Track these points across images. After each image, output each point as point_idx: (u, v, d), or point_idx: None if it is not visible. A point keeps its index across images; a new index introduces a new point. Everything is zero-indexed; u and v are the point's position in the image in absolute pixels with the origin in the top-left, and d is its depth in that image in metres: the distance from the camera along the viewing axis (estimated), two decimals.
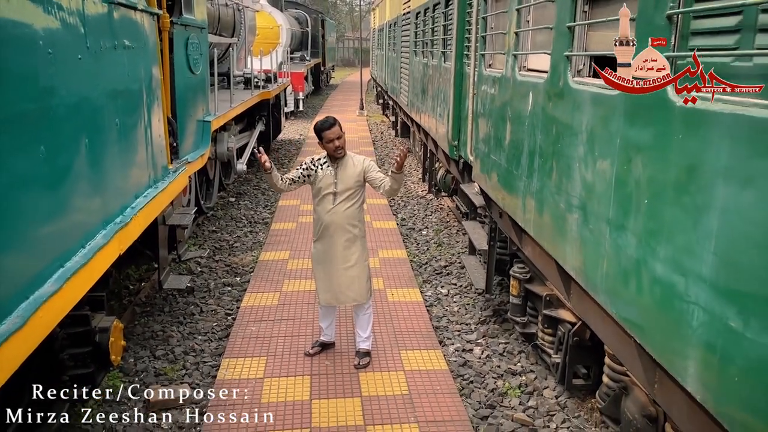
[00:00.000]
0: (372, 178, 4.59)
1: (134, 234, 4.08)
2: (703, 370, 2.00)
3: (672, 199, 2.20)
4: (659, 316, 2.27)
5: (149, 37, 4.78)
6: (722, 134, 1.91)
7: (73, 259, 3.17)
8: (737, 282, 1.87)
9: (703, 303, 2.00)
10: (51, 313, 2.80)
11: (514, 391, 4.63)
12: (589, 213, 2.89)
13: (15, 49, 2.67)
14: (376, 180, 4.58)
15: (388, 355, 5.01)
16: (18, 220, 2.68)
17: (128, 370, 4.87)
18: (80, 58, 3.35)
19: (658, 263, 2.26)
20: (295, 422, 4.11)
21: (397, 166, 4.38)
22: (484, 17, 5.23)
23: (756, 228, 1.79)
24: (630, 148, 2.49)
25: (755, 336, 1.76)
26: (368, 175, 4.59)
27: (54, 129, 3.02)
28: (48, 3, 2.97)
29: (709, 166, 1.99)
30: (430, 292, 6.51)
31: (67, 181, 3.20)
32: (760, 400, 1.78)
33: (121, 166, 4.05)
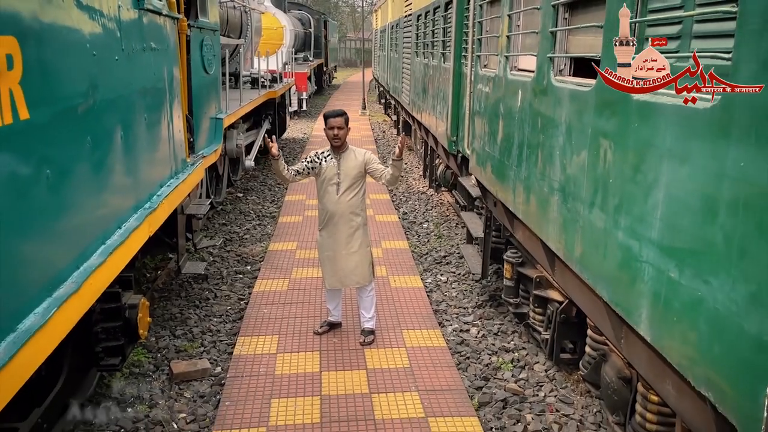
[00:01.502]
0: (373, 169, 5.00)
1: (161, 219, 4.49)
2: (652, 315, 2.41)
3: (630, 178, 2.60)
4: (620, 276, 2.68)
5: (171, 40, 5.19)
6: (666, 122, 2.32)
7: (112, 238, 3.58)
8: (675, 241, 2.27)
9: (651, 261, 2.40)
10: (98, 281, 3.21)
11: (507, 366, 5.03)
12: (567, 194, 3.30)
13: (69, 51, 3.08)
14: (377, 171, 4.99)
15: (390, 333, 5.41)
16: (71, 200, 3.09)
17: (151, 347, 5.27)
18: (117, 59, 3.76)
19: (620, 232, 2.66)
20: (306, 390, 4.51)
21: (398, 154, 4.81)
22: (480, 21, 5.64)
23: (688, 196, 2.20)
24: (599, 136, 2.90)
25: (687, 282, 2.16)
26: (369, 166, 5.00)
27: (97, 122, 3.43)
28: (92, 11, 3.38)
29: (656, 149, 2.39)
30: (430, 279, 6.91)
31: (107, 169, 3.61)
32: (691, 333, 2.18)
33: (149, 157, 4.45)
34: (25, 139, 2.56)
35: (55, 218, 2.88)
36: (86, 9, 3.29)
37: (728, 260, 1.95)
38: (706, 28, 2.25)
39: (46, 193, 2.77)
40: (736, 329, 1.91)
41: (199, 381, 4.78)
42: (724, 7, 2.03)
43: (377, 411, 4.27)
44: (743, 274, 1.88)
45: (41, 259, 2.79)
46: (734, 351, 1.93)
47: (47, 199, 2.79)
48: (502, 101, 4.71)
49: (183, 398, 4.58)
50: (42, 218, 2.75)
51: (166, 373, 4.86)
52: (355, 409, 4.30)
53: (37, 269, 2.73)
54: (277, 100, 12.67)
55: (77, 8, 3.19)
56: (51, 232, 2.85)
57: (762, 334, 1.80)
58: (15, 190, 2.51)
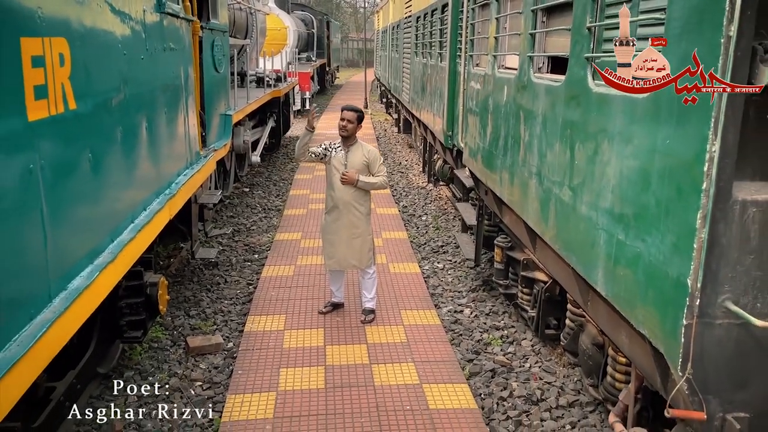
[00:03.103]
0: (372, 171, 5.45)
1: (179, 204, 4.91)
2: (605, 273, 2.83)
3: (591, 159, 3.02)
4: (583, 243, 3.10)
5: (186, 41, 5.62)
6: (616, 110, 2.74)
7: (139, 218, 4.01)
8: (622, 209, 2.69)
9: (605, 228, 2.82)
10: (129, 254, 3.64)
11: (496, 341, 5.45)
12: (543, 177, 3.72)
13: (105, 50, 3.51)
14: (373, 172, 5.46)
15: (389, 313, 5.83)
16: (108, 181, 3.52)
17: (168, 325, 5.70)
18: (142, 58, 4.19)
19: (583, 206, 3.08)
20: (312, 361, 4.94)
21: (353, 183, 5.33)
22: (472, 23, 6.07)
23: (631, 170, 2.63)
24: (567, 124, 3.32)
25: (631, 242, 2.58)
26: (370, 166, 5.44)
27: (127, 114, 3.86)
28: (123, 14, 3.80)
29: (609, 132, 2.81)
30: (428, 266, 7.33)
31: (135, 156, 4.04)
32: (633, 283, 2.62)
33: (168, 148, 4.88)
34: (74, 126, 2.99)
35: (95, 196, 3.31)
36: (118, 13, 3.72)
37: (658, 220, 2.37)
38: (645, 32, 2.67)
39: (89, 173, 3.20)
40: (663, 275, 2.33)
41: (213, 354, 5.21)
42: (655, 14, 2.45)
43: (376, 378, 4.69)
44: (668, 230, 2.30)
45: (85, 230, 3.21)
46: (661, 293, 2.35)
47: (90, 179, 3.22)
48: (491, 96, 5.14)
49: (199, 369, 5.01)
50: (86, 195, 3.18)
51: (183, 348, 5.29)
52: (357, 377, 4.72)
53: (82, 239, 3.16)
54: (281, 99, 13.10)
55: (111, 12, 3.61)
56: (92, 207, 3.28)
57: (680, 276, 2.22)
58: (66, 168, 2.94)
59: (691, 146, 2.16)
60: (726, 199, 2.09)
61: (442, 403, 4.40)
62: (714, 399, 2.23)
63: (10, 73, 2.43)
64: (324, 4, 52.68)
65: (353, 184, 5.31)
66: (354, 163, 5.38)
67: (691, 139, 2.16)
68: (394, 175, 12.45)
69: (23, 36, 2.51)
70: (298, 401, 4.39)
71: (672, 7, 2.32)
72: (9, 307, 2.44)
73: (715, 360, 2.21)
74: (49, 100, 2.70)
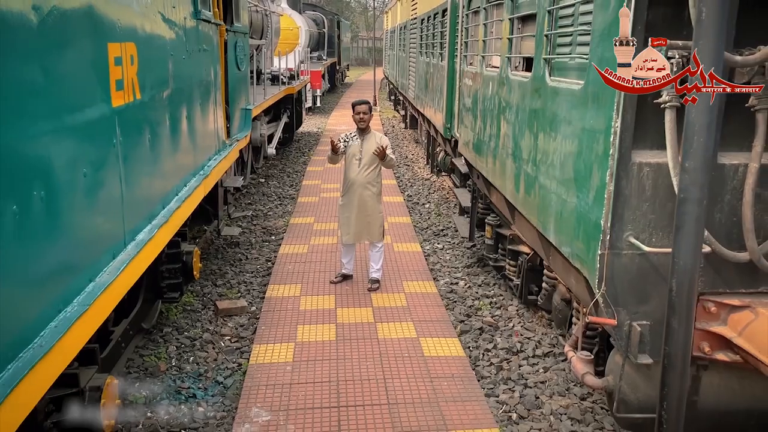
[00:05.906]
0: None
1: (211, 183, 5.72)
2: (554, 226, 3.61)
3: (547, 139, 3.79)
4: (542, 206, 3.88)
5: (215, 42, 6.42)
6: (563, 99, 3.51)
7: (182, 191, 4.81)
8: (565, 175, 3.46)
9: (555, 191, 3.59)
10: (177, 219, 4.44)
11: (485, 306, 6.22)
12: (516, 156, 4.50)
13: (158, 51, 4.31)
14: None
15: (393, 283, 6.61)
16: (162, 158, 4.31)
17: (197, 293, 6.50)
18: (184, 58, 4.99)
19: (541, 176, 3.86)
20: (325, 320, 5.73)
21: (380, 156, 6.09)
22: (467, 27, 6.85)
23: (571, 144, 3.40)
24: (532, 112, 4.09)
25: (570, 199, 3.35)
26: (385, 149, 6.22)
27: (173, 105, 4.65)
28: (170, 21, 4.60)
29: (559, 117, 3.58)
30: (428, 246, 8.10)
31: (178, 140, 4.84)
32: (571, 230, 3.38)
33: (202, 135, 5.68)
34: (139, 112, 3.79)
35: (153, 169, 4.12)
36: (167, 21, 4.52)
37: (585, 179, 3.14)
38: (581, 39, 3.44)
39: (149, 150, 4.00)
40: (587, 219, 3.10)
41: (239, 315, 6.01)
42: (586, 26, 3.22)
43: (380, 333, 5.47)
44: (591, 186, 3.07)
45: (147, 195, 4.01)
46: (586, 232, 3.12)
47: (149, 155, 4.02)
48: (480, 91, 5.91)
49: (227, 326, 5.81)
50: (147, 167, 3.98)
51: (212, 310, 6.09)
52: (363, 332, 5.51)
53: (144, 202, 3.96)
54: (294, 96, 13.90)
55: (162, 21, 4.41)
56: (151, 178, 4.09)
57: (597, 219, 2.99)
58: (135, 145, 3.74)
59: (603, 123, 2.92)
60: (627, 162, 2.85)
61: (435, 352, 5.17)
62: (623, 310, 2.98)
63: (101, 70, 3.23)
64: (334, 3, 53.40)
65: (382, 158, 6.09)
66: (368, 150, 6.17)
67: (603, 118, 2.92)
68: (401, 168, 13.21)
69: (109, 41, 3.30)
70: (313, 349, 5.18)
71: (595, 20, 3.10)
72: (97, 248, 3.24)
73: (622, 280, 2.96)
74: (125, 91, 3.50)
